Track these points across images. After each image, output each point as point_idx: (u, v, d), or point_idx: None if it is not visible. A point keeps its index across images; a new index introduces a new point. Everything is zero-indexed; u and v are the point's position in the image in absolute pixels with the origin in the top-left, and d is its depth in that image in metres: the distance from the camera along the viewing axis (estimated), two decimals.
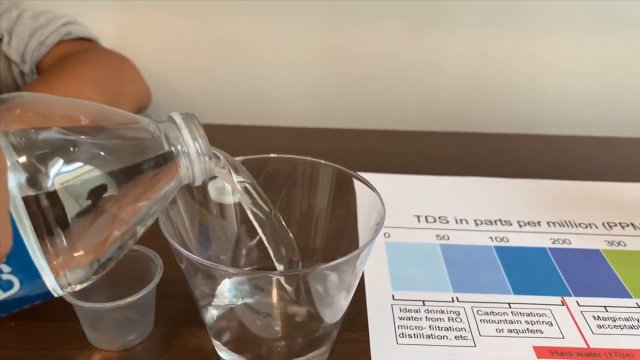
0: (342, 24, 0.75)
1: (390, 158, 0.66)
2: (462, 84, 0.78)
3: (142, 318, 0.41)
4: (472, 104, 0.80)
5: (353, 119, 0.79)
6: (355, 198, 0.40)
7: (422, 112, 0.80)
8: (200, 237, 0.40)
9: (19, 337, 0.41)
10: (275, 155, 0.40)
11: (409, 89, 0.79)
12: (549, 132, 0.74)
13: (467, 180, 0.61)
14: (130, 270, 0.41)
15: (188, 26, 0.77)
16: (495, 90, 0.79)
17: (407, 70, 0.78)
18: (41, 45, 0.65)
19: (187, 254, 0.32)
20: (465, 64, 0.77)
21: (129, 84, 0.70)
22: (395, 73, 0.78)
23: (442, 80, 0.79)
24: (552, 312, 0.44)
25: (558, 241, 0.52)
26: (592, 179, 0.62)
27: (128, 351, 0.40)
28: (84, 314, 0.39)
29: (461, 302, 0.45)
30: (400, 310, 0.44)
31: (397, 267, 0.48)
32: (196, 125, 0.33)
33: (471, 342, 0.41)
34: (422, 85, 0.79)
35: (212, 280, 0.37)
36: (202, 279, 0.36)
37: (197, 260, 0.32)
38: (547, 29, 0.74)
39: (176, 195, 0.36)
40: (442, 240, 0.52)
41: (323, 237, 0.42)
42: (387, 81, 0.79)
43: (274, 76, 0.80)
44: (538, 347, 0.41)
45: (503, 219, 0.55)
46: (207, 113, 0.80)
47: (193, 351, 0.40)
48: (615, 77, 0.77)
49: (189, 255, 0.32)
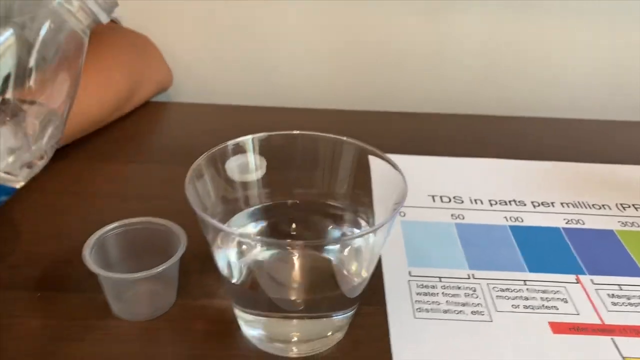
0: (355, 6, 0.75)
1: (404, 139, 0.66)
2: (476, 67, 0.79)
3: (165, 290, 0.42)
4: (486, 87, 0.80)
5: (366, 101, 0.79)
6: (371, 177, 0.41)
7: (435, 94, 0.81)
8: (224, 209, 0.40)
9: (45, 306, 0.41)
10: (298, 132, 0.41)
11: (422, 71, 0.80)
12: (564, 115, 0.74)
13: (481, 162, 0.61)
14: (155, 244, 0.42)
15: (205, 7, 0.77)
16: (510, 73, 0.79)
17: (419, 52, 0.78)
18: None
19: (214, 222, 0.33)
20: (479, 46, 0.77)
21: (152, 64, 0.71)
22: (408, 55, 0.79)
23: (455, 62, 0.79)
24: (567, 289, 0.44)
25: (572, 221, 0.52)
26: (605, 161, 0.62)
27: (151, 322, 0.41)
28: (108, 285, 0.40)
29: (477, 279, 0.45)
30: (417, 286, 0.44)
31: (413, 245, 0.49)
32: None
33: (488, 317, 0.42)
34: (435, 67, 0.79)
35: (236, 251, 0.38)
36: (226, 249, 0.37)
37: (222, 228, 0.33)
38: (560, 11, 0.74)
39: (203, 169, 0.37)
40: (457, 219, 0.52)
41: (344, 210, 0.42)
42: (400, 63, 0.79)
43: (288, 58, 0.80)
44: (554, 322, 0.41)
45: (517, 199, 0.55)
46: (224, 94, 0.80)
47: (215, 322, 0.41)
48: (630, 60, 0.77)
49: (215, 224, 0.33)
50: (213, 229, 0.34)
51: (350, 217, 0.42)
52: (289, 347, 0.38)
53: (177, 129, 0.69)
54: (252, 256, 0.39)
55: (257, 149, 0.40)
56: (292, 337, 0.39)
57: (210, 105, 0.74)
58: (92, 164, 0.59)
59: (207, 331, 0.40)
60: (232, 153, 0.39)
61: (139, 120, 0.68)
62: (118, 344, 0.39)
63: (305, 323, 0.38)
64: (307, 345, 0.38)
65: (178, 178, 0.55)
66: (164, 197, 0.54)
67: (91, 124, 0.61)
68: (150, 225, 0.42)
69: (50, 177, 0.56)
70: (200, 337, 0.40)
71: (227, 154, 0.39)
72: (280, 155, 0.40)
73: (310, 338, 0.38)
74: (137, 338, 0.39)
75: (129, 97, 0.65)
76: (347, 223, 0.42)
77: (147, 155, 0.63)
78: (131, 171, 0.59)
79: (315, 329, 0.38)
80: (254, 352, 0.39)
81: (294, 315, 0.38)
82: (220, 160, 0.39)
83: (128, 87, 0.64)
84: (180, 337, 0.40)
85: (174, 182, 0.55)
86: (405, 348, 0.39)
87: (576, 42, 0.77)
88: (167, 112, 0.73)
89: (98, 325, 0.40)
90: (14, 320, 0.40)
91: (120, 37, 0.68)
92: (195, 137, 0.65)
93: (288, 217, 0.42)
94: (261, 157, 0.41)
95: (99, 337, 0.39)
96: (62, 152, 0.60)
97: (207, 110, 0.73)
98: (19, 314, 0.41)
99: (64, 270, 0.45)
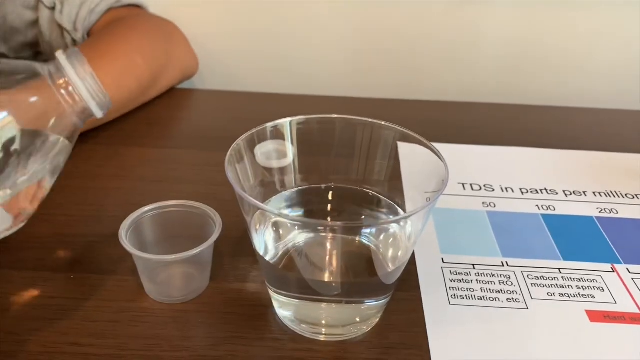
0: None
1: (433, 128, 0.65)
2: (503, 56, 0.78)
3: (199, 273, 0.42)
4: (515, 76, 0.79)
5: (394, 91, 0.79)
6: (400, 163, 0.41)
7: (462, 83, 0.80)
8: (261, 192, 0.40)
9: (79, 287, 0.42)
10: (336, 116, 0.40)
11: (449, 60, 0.79)
12: (594, 105, 0.73)
13: (511, 151, 0.61)
14: (190, 227, 0.42)
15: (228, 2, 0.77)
16: (538, 62, 0.78)
17: (448, 42, 0.78)
18: (92, 13, 0.66)
19: (254, 201, 0.33)
20: (505, 35, 0.77)
21: (177, 50, 0.71)
22: (437, 44, 0.78)
23: (483, 51, 0.78)
24: (602, 278, 0.44)
25: (605, 210, 0.52)
26: (637, 151, 0.61)
27: (184, 304, 0.41)
28: (143, 266, 0.40)
29: (511, 266, 0.45)
30: (450, 273, 0.44)
31: (445, 233, 0.48)
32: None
33: (523, 305, 0.41)
34: (463, 57, 0.79)
35: (273, 231, 0.38)
36: (264, 229, 0.37)
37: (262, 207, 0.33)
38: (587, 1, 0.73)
39: (243, 152, 0.37)
40: (489, 207, 0.52)
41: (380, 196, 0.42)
42: (428, 53, 0.79)
43: (314, 48, 0.80)
44: (590, 311, 0.41)
45: (549, 188, 0.55)
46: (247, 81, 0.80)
47: (248, 306, 0.41)
48: None
49: (255, 202, 0.33)
50: (252, 208, 0.34)
51: (387, 203, 0.41)
52: (322, 330, 0.38)
53: (204, 116, 0.69)
54: (289, 237, 0.39)
55: (295, 132, 0.40)
56: (324, 321, 0.38)
57: (237, 93, 0.74)
58: (124, 148, 0.59)
59: (240, 314, 0.40)
60: (270, 136, 0.39)
61: (166, 107, 0.68)
62: (152, 325, 0.39)
63: (339, 307, 0.38)
64: (341, 329, 0.38)
65: (208, 163, 0.56)
66: (196, 181, 0.54)
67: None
68: (186, 208, 0.42)
69: (84, 159, 0.56)
70: (233, 319, 0.40)
71: (266, 136, 0.39)
72: (317, 139, 0.40)
73: (344, 323, 0.38)
74: (171, 320, 0.39)
75: (151, 82, 0.65)
76: (384, 209, 0.41)
77: (176, 140, 0.63)
78: (162, 155, 0.59)
79: (349, 314, 0.38)
80: (288, 335, 0.38)
81: (328, 299, 0.38)
82: (258, 142, 0.39)
83: (150, 72, 0.64)
84: (213, 319, 0.40)
85: (205, 167, 0.56)
86: (441, 334, 0.39)
87: (604, 32, 0.76)
88: (193, 99, 0.73)
89: (132, 307, 0.40)
90: (49, 301, 0.40)
91: (144, 22, 0.68)
92: (223, 123, 0.65)
93: (323, 202, 0.42)
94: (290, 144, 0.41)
95: (133, 319, 0.39)
96: (93, 136, 0.60)
97: (233, 97, 0.73)
98: (54, 295, 0.41)
99: (98, 252, 0.45)
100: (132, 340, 0.38)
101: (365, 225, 0.38)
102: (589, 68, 0.78)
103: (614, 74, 0.78)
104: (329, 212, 0.42)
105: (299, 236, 0.40)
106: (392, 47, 0.79)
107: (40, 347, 0.37)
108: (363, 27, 0.78)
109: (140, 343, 0.38)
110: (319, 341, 0.38)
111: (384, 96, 0.73)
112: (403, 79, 0.81)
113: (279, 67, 0.81)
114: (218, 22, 0.79)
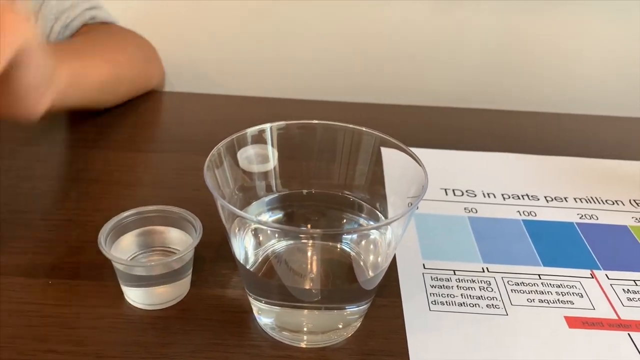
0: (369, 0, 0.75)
1: (416, 132, 0.66)
2: (487, 61, 0.78)
3: (179, 279, 0.41)
4: (498, 81, 0.80)
5: (377, 94, 0.79)
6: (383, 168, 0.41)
7: (447, 88, 0.80)
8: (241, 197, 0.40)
9: (58, 294, 0.41)
10: (317, 121, 0.40)
11: (434, 65, 0.79)
12: (577, 111, 0.74)
13: (493, 156, 0.61)
14: (170, 233, 0.41)
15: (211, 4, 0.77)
16: (522, 68, 0.79)
17: (432, 46, 0.78)
18: (65, 28, 0.65)
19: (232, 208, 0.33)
20: (490, 40, 0.77)
21: (149, 66, 0.70)
22: (421, 48, 0.78)
23: (467, 56, 0.79)
24: (582, 284, 0.44)
25: (585, 216, 0.52)
26: (618, 157, 0.62)
27: (164, 310, 0.40)
28: (122, 272, 0.40)
29: (491, 272, 0.45)
30: (431, 279, 0.44)
31: (427, 238, 0.48)
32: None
33: (503, 311, 0.41)
34: (447, 61, 0.79)
35: (252, 238, 0.37)
36: (242, 236, 0.37)
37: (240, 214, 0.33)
38: (574, 5, 0.74)
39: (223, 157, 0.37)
40: (470, 213, 0.52)
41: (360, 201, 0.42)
42: (412, 56, 0.79)
43: (297, 51, 0.80)
44: (569, 317, 0.41)
45: (530, 194, 0.55)
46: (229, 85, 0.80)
47: (229, 312, 0.40)
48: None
49: (233, 210, 0.33)
50: (231, 215, 0.34)
51: (367, 209, 0.41)
52: (302, 337, 0.38)
53: (185, 119, 0.69)
54: (269, 244, 0.39)
55: (275, 137, 0.40)
56: (305, 327, 0.38)
57: (219, 96, 0.74)
58: (104, 152, 0.59)
59: (220, 321, 0.40)
60: (251, 141, 0.39)
61: (148, 110, 0.68)
62: (131, 332, 0.39)
63: (320, 314, 0.38)
64: (321, 336, 0.38)
65: (189, 167, 0.56)
66: (177, 186, 0.54)
67: None
68: (165, 213, 0.42)
69: (63, 164, 0.56)
70: (213, 326, 0.39)
71: (246, 142, 0.39)
72: (298, 144, 0.39)
73: (324, 329, 0.38)
74: (150, 327, 0.39)
75: (113, 87, 0.64)
76: (364, 215, 0.41)
77: (158, 144, 0.63)
78: (143, 160, 0.58)
79: (330, 320, 0.38)
80: (268, 342, 0.38)
81: (308, 306, 0.37)
82: (238, 148, 0.39)
83: (113, 77, 0.63)
84: (193, 326, 0.39)
85: (186, 171, 0.56)
86: (421, 340, 0.39)
87: (586, 39, 0.77)
88: (174, 102, 0.72)
89: (111, 313, 0.40)
90: (26, 307, 0.40)
91: (122, 38, 0.68)
92: (204, 127, 0.65)
93: (304, 208, 0.42)
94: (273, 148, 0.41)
95: (112, 325, 0.39)
96: (73, 140, 0.60)
97: (215, 100, 0.73)
98: (31, 301, 0.40)
99: (77, 257, 0.44)
100: (111, 347, 0.37)
101: (343, 232, 0.38)
102: (572, 74, 0.79)
103: (596, 81, 0.79)
104: (310, 218, 0.42)
105: (279, 243, 0.40)
106: (374, 51, 0.79)
107: (17, 354, 0.36)
108: (345, 31, 0.78)
109: (119, 350, 0.37)
110: (299, 347, 0.38)
111: (367, 100, 0.73)
112: (386, 83, 0.81)
113: (262, 71, 0.81)
114: (201, 25, 0.79)
